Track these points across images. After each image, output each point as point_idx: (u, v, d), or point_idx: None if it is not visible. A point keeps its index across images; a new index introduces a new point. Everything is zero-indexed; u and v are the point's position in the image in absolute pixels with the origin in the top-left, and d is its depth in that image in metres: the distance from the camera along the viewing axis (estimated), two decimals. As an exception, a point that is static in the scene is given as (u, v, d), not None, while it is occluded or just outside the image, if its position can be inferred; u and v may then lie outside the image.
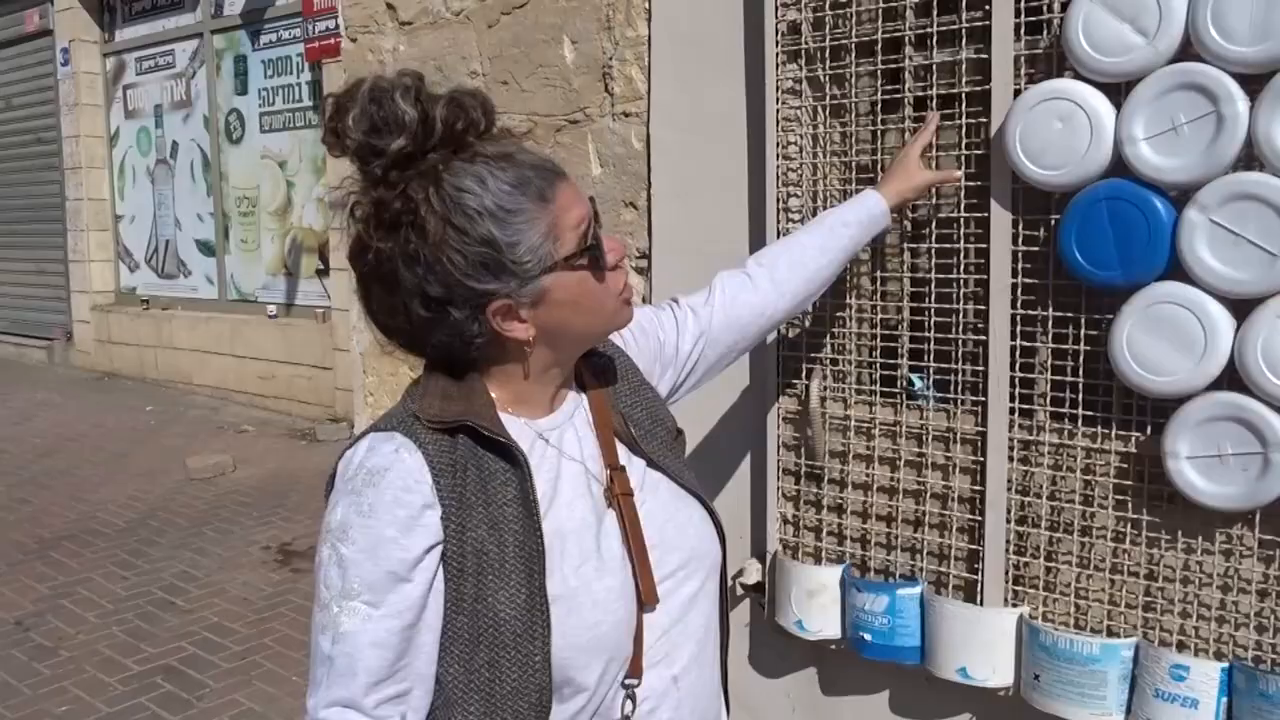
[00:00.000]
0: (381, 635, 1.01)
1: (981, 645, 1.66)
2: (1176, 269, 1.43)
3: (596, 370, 1.24)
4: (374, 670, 1.01)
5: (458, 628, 1.04)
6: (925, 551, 1.77)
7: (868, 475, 1.84)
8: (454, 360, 1.11)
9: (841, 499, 1.87)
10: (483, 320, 1.06)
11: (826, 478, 1.88)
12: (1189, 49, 1.41)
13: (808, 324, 1.88)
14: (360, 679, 1.01)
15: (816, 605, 1.85)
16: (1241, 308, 1.40)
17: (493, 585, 1.03)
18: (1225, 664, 1.47)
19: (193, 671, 3.64)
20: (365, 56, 2.85)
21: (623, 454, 1.18)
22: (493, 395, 1.11)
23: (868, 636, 1.77)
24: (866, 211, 1.58)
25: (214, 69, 8.90)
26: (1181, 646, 1.53)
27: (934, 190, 1.70)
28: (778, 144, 1.85)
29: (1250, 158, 1.39)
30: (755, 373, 1.97)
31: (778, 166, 1.86)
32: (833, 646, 1.88)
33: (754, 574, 1.99)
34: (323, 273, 7.98)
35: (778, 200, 1.86)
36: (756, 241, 1.95)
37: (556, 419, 1.16)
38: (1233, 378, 1.41)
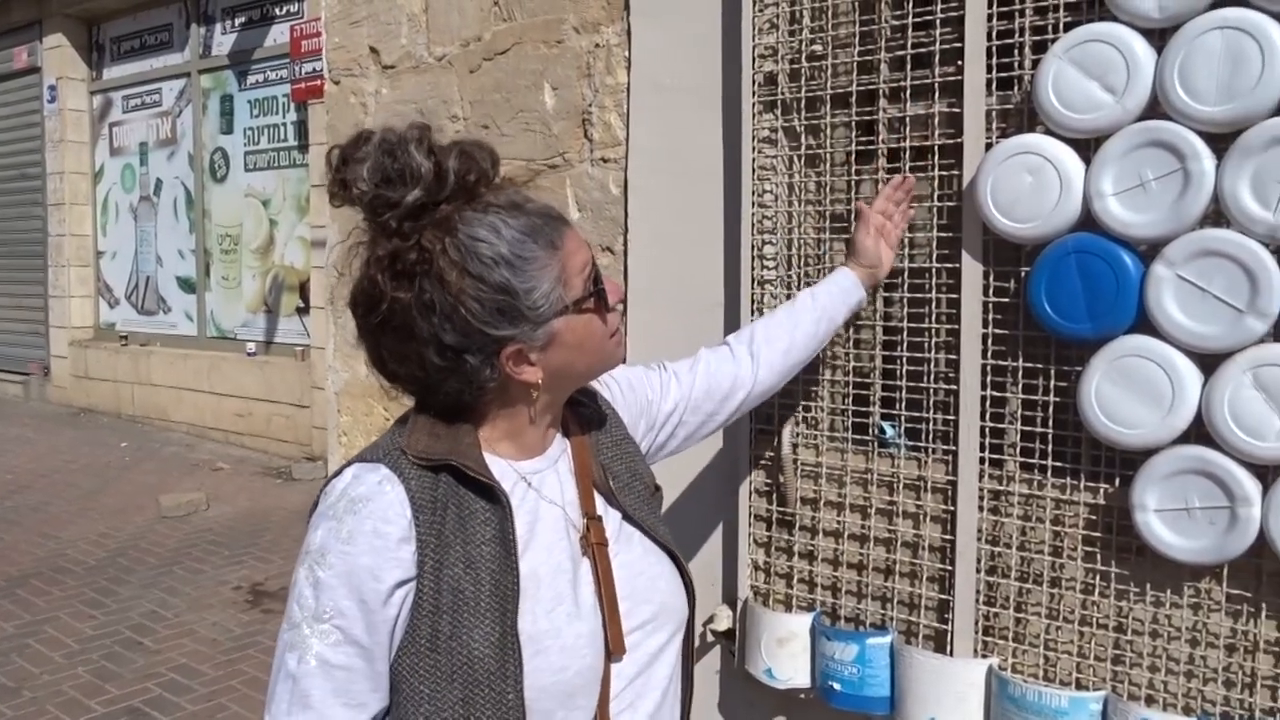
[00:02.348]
0: (345, 660, 1.03)
1: (951, 696, 1.65)
2: (1144, 323, 1.45)
3: (582, 419, 1.27)
4: (336, 693, 1.03)
5: (430, 665, 1.04)
6: (896, 600, 1.77)
7: (839, 522, 1.83)
8: (461, 407, 1.12)
9: (813, 546, 1.87)
10: (496, 365, 1.09)
11: (798, 524, 1.88)
12: (1156, 107, 1.44)
13: (782, 371, 1.88)
14: (322, 700, 1.03)
15: (786, 653, 1.84)
16: (1208, 362, 1.41)
17: (468, 623, 1.04)
18: (1193, 718, 1.46)
19: (158, 713, 3.57)
20: (348, 99, 2.87)
21: (600, 504, 1.20)
22: (480, 436, 1.13)
23: (837, 686, 1.75)
24: (838, 286, 1.64)
25: (200, 108, 8.94)
26: (1150, 700, 1.52)
27: (907, 241, 1.72)
28: (754, 192, 1.87)
29: (1217, 214, 1.41)
30: (729, 419, 1.97)
31: (753, 214, 1.87)
32: (802, 695, 1.87)
33: (725, 620, 1.97)
34: (303, 310, 7.97)
35: (753, 247, 1.88)
36: (732, 287, 1.96)
37: (541, 463, 1.18)
38: (1200, 432, 1.42)
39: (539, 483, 1.16)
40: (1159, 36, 1.43)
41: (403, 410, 1.18)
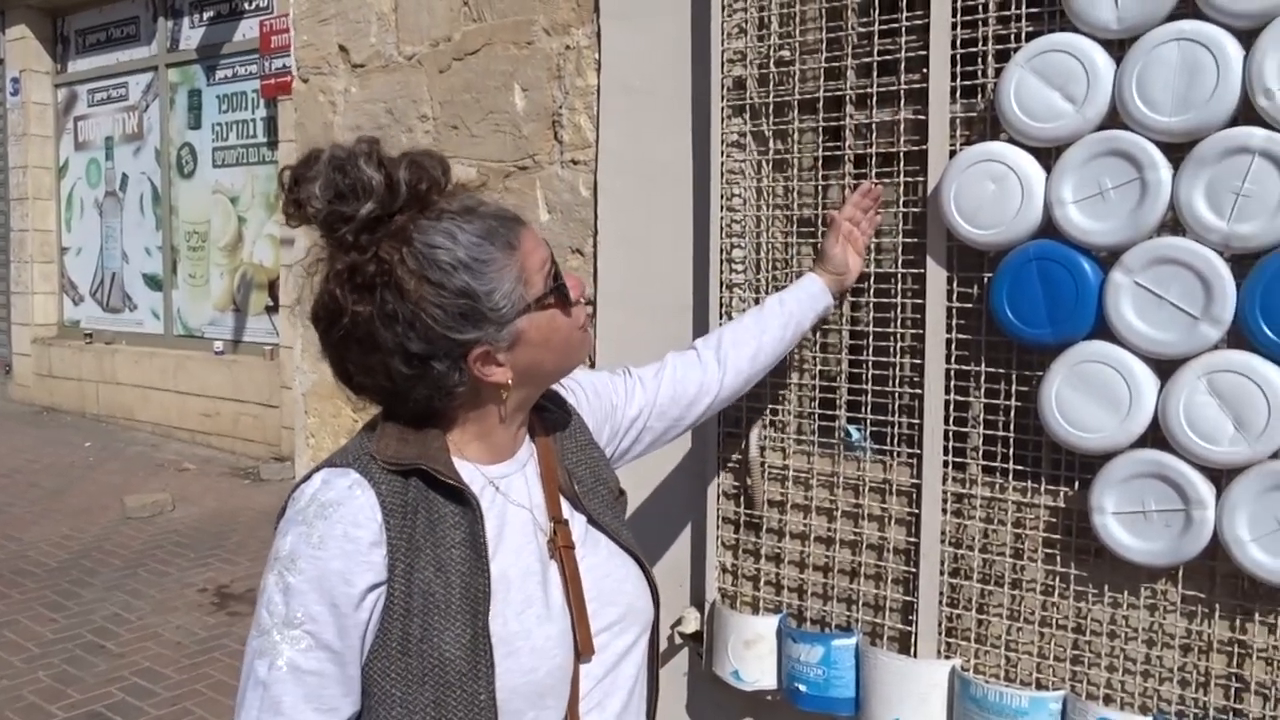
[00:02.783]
0: (317, 665, 1.03)
1: (914, 697, 1.67)
2: (1103, 329, 1.47)
3: (547, 424, 1.28)
4: (308, 699, 1.03)
5: (401, 668, 1.05)
6: (861, 602, 1.79)
7: (805, 525, 1.85)
8: (430, 413, 1.13)
9: (779, 548, 1.88)
10: (464, 369, 1.10)
11: (765, 527, 1.89)
12: (1116, 117, 1.46)
13: (749, 374, 1.89)
14: (293, 706, 1.03)
15: (753, 655, 1.85)
16: (1165, 368, 1.44)
17: (438, 626, 1.05)
18: (1150, 718, 1.49)
19: (120, 718, 3.54)
20: (317, 98, 2.85)
21: (565, 508, 1.22)
22: (448, 440, 1.14)
23: (803, 687, 1.77)
24: (805, 292, 1.66)
25: (167, 102, 8.85)
26: (1108, 700, 1.54)
27: (873, 246, 1.74)
28: (722, 196, 1.88)
29: (1174, 223, 1.43)
30: (697, 421, 1.98)
31: (722, 218, 1.89)
32: (769, 697, 1.88)
33: (692, 623, 1.99)
34: (272, 309, 7.91)
35: (721, 251, 1.89)
36: (700, 290, 1.97)
37: (509, 467, 1.19)
38: (1156, 436, 1.45)
39: (506, 486, 1.17)
40: (1118, 47, 1.46)
41: (372, 413, 1.19)
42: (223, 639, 4.19)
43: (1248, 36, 1.35)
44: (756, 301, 1.86)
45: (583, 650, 1.13)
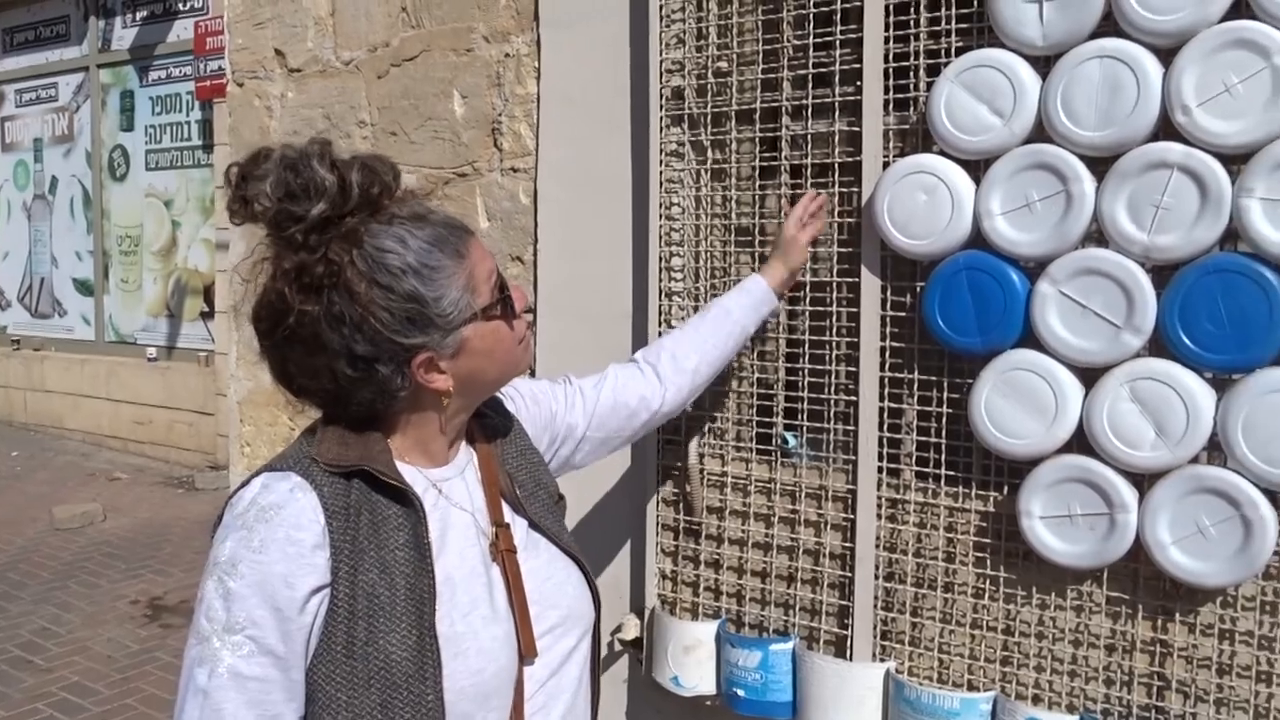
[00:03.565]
0: (260, 671, 1.02)
1: (850, 700, 1.69)
2: (1030, 337, 1.51)
3: (486, 429, 1.29)
4: (250, 705, 1.02)
5: (346, 672, 1.04)
6: (798, 607, 1.81)
7: (743, 531, 1.87)
8: (372, 416, 1.13)
9: (718, 555, 1.90)
10: (407, 374, 1.10)
11: (704, 533, 1.91)
12: (1042, 131, 1.50)
13: (688, 381, 1.91)
14: (235, 714, 1.01)
15: (693, 661, 1.86)
16: (1089, 376, 1.48)
17: (384, 627, 1.04)
18: (1076, 716, 1.53)
19: (48, 734, 3.45)
20: (252, 102, 2.81)
21: (506, 512, 1.22)
22: (390, 444, 1.14)
23: (741, 692, 1.78)
24: (750, 296, 1.65)
25: (99, 104, 8.65)
26: (1036, 700, 1.58)
27: (810, 254, 1.76)
28: (661, 204, 1.90)
29: (1099, 234, 1.48)
30: (636, 428, 1.99)
31: (661, 226, 1.90)
32: (708, 702, 1.89)
33: (632, 629, 1.99)
34: (207, 315, 7.77)
35: (660, 259, 1.90)
36: (640, 298, 1.98)
37: (449, 471, 1.19)
38: (1081, 442, 1.49)
39: (448, 490, 1.18)
40: (1044, 64, 1.50)
41: (310, 420, 1.18)
42: (155, 652, 4.10)
43: (1167, 55, 1.40)
44: (696, 310, 1.87)
45: (526, 652, 1.14)
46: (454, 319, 1.10)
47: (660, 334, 1.89)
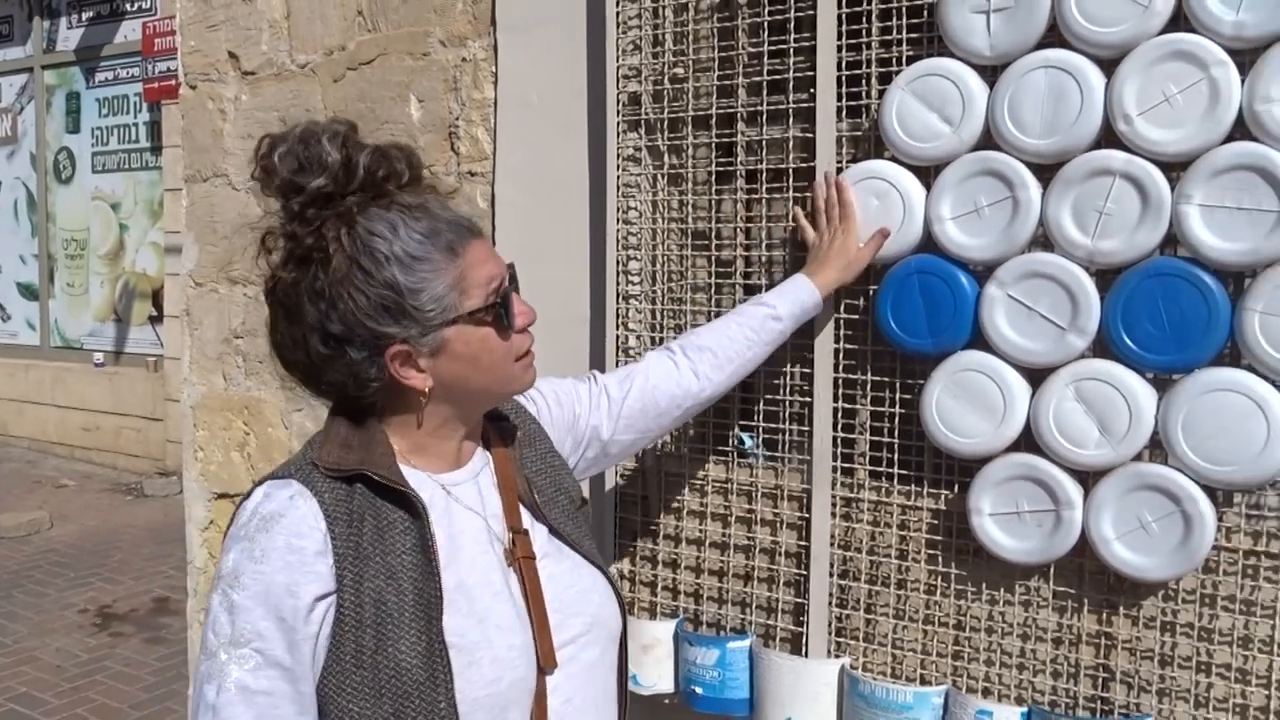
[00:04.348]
0: (267, 685, 1.01)
1: (806, 696, 1.72)
2: (979, 339, 1.55)
3: (504, 433, 1.27)
4: (260, 719, 1.01)
5: (357, 683, 1.03)
6: (754, 605, 1.83)
7: (701, 531, 1.89)
8: (350, 403, 1.13)
9: (676, 554, 1.92)
10: (380, 364, 1.10)
11: (662, 533, 1.93)
12: (990, 138, 1.54)
13: (645, 384, 1.93)
14: None
15: (651, 659, 1.88)
16: (1036, 376, 1.52)
17: (393, 635, 1.03)
18: (1025, 709, 1.57)
19: (-6, 747, 3.39)
20: (205, 105, 2.79)
21: (526, 518, 1.21)
22: (394, 445, 1.13)
23: (699, 690, 1.80)
24: (800, 305, 1.59)
25: (44, 105, 8.50)
26: (986, 693, 1.62)
27: (763, 260, 1.79)
28: (618, 209, 1.92)
29: (1045, 239, 1.52)
30: (594, 431, 2.01)
31: (618, 230, 1.92)
32: (666, 700, 1.91)
33: (591, 630, 2.01)
34: (156, 319, 7.65)
35: (618, 263, 1.92)
36: (597, 302, 2.00)
37: (461, 475, 1.18)
38: (1029, 440, 1.53)
39: (459, 494, 1.17)
40: (991, 73, 1.54)
41: (265, 428, 1.18)
42: (105, 660, 4.04)
43: (1109, 66, 1.44)
44: (652, 314, 1.90)
45: (544, 663, 1.12)
46: (434, 316, 1.09)
47: (618, 339, 1.90)
